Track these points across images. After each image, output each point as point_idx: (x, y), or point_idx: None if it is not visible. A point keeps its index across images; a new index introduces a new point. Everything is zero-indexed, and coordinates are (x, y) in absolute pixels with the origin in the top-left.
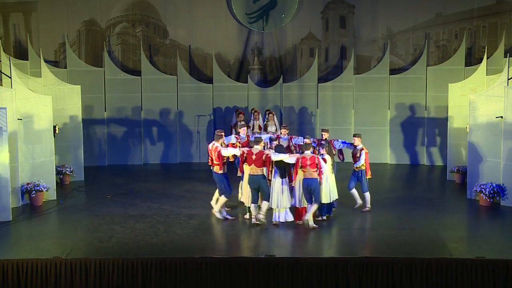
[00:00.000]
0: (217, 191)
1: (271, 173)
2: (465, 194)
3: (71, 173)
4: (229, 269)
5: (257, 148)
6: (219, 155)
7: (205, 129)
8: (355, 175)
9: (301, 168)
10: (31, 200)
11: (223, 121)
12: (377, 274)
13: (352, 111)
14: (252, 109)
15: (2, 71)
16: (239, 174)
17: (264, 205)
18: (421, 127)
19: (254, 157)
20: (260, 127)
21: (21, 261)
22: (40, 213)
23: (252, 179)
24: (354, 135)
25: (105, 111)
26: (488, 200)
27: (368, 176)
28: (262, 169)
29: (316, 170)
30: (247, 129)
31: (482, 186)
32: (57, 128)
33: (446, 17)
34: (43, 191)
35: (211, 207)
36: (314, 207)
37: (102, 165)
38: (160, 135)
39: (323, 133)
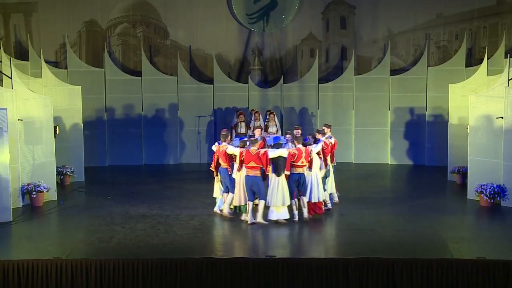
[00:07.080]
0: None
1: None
2: (465, 195)
3: (71, 174)
4: (229, 269)
5: (298, 146)
6: (267, 157)
7: (206, 130)
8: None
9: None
10: (31, 200)
11: (223, 122)
12: (377, 274)
13: (353, 112)
14: (252, 109)
15: (3, 71)
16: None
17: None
18: (422, 128)
19: (304, 155)
20: (261, 128)
21: (22, 261)
22: (41, 213)
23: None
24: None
25: (106, 111)
26: (489, 200)
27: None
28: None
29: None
30: (247, 129)
31: (482, 187)
32: (57, 129)
33: (446, 17)
34: (43, 191)
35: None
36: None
37: (102, 166)
38: (160, 135)
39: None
